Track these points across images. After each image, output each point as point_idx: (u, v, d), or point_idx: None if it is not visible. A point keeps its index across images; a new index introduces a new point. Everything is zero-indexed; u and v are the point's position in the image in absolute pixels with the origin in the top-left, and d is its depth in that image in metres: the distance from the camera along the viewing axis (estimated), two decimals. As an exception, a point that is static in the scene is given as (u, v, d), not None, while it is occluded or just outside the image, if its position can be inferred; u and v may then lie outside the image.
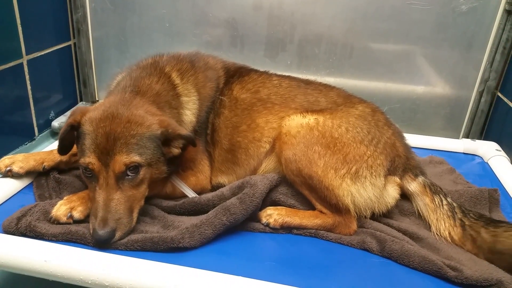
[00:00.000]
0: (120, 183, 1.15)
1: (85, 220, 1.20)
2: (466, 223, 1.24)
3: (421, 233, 1.27)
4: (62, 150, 1.27)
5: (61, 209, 1.18)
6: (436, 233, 1.28)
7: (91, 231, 1.12)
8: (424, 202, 1.33)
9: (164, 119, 1.22)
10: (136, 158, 1.15)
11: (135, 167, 1.16)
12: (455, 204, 1.29)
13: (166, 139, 1.22)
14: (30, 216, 1.18)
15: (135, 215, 1.19)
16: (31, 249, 1.08)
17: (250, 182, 1.27)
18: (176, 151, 1.26)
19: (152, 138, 1.18)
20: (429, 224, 1.31)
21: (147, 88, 1.30)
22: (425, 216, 1.33)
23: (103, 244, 1.12)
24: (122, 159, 1.13)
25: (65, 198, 1.22)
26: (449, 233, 1.26)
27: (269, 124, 1.39)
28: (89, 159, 1.14)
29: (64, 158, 1.39)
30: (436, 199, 1.31)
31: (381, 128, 1.35)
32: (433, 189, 1.33)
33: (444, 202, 1.30)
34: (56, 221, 1.17)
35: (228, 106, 1.42)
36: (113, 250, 1.12)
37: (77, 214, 1.19)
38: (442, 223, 1.27)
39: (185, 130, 1.25)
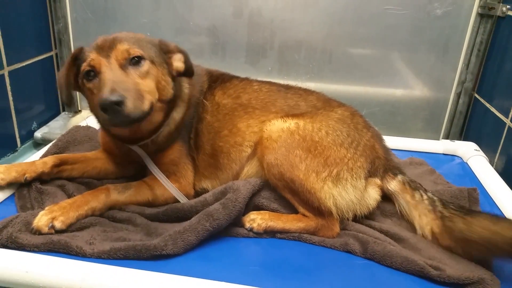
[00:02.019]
0: (124, 69, 1.19)
1: (66, 230, 1.19)
2: (446, 214, 1.24)
3: (403, 234, 1.28)
4: (68, 98, 1.30)
5: (42, 219, 1.17)
6: (419, 229, 1.29)
7: (98, 102, 1.10)
8: (405, 200, 1.35)
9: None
10: (137, 49, 1.21)
11: (138, 58, 1.20)
12: (435, 198, 1.30)
13: (165, 52, 1.29)
14: (12, 227, 1.16)
15: (146, 102, 1.18)
16: (12, 260, 1.07)
17: (232, 187, 1.28)
18: (180, 65, 1.32)
19: (152, 43, 1.28)
20: (412, 221, 1.32)
21: None
22: (407, 213, 1.34)
23: (113, 112, 1.09)
24: (124, 47, 1.19)
25: (46, 208, 1.21)
26: (431, 228, 1.26)
27: (250, 128, 1.40)
28: (90, 56, 1.19)
29: (46, 169, 1.38)
30: (416, 195, 1.32)
31: (360, 131, 1.37)
32: (413, 186, 1.34)
33: (425, 196, 1.31)
34: (38, 232, 1.16)
35: (210, 111, 1.43)
36: (95, 259, 1.11)
37: (58, 224, 1.17)
38: (424, 218, 1.28)
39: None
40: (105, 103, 1.08)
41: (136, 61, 1.20)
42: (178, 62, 1.31)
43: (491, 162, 1.81)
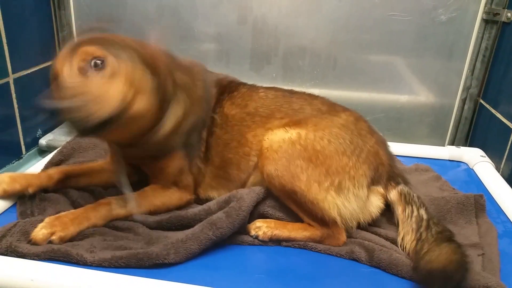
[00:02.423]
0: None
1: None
2: (423, 237, 1.20)
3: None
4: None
5: (41, 232, 1.15)
6: (401, 245, 1.25)
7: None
8: (397, 212, 1.32)
9: None
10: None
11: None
12: (424, 217, 1.25)
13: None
14: (11, 236, 1.15)
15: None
16: (16, 268, 1.07)
17: (236, 196, 1.27)
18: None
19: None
20: (398, 235, 1.29)
21: None
22: (398, 226, 1.31)
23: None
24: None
25: (46, 220, 1.19)
26: (410, 247, 1.21)
27: (256, 137, 1.39)
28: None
29: (51, 184, 1.37)
30: (407, 210, 1.28)
31: (364, 137, 1.35)
32: (408, 199, 1.30)
33: (415, 213, 1.26)
34: (35, 245, 1.15)
35: (219, 124, 1.41)
36: (96, 267, 1.11)
37: (56, 240, 1.16)
38: (407, 236, 1.24)
39: None
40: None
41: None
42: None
43: (497, 168, 1.80)
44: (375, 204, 1.32)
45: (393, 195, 1.35)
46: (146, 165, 1.41)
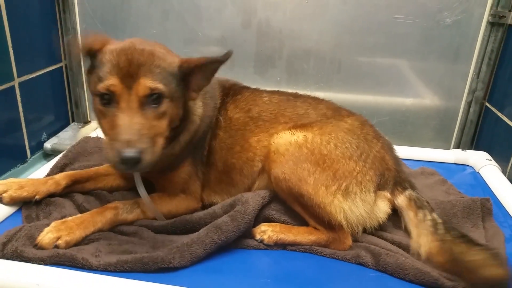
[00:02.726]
0: (143, 109, 1.10)
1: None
2: (448, 238, 1.19)
3: (415, 246, 1.26)
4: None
5: (47, 237, 1.15)
6: (415, 248, 1.24)
7: (115, 154, 1.03)
8: (409, 217, 1.31)
9: (184, 58, 1.20)
10: (160, 86, 1.11)
11: (158, 97, 1.11)
12: (439, 220, 1.25)
13: (186, 75, 1.19)
14: (16, 241, 1.15)
15: (157, 149, 1.12)
16: (22, 273, 1.07)
17: (241, 199, 1.27)
18: (194, 95, 1.24)
19: (172, 73, 1.16)
20: (411, 238, 1.28)
21: None
22: (409, 230, 1.30)
23: (129, 167, 1.05)
24: (147, 83, 1.09)
25: (52, 224, 1.19)
26: (429, 249, 1.20)
27: (260, 142, 1.38)
28: (111, 81, 1.08)
29: (58, 190, 1.37)
30: (419, 214, 1.27)
31: (370, 142, 1.35)
32: (418, 203, 1.30)
33: (428, 217, 1.26)
34: (41, 249, 1.15)
35: (223, 127, 1.41)
36: (102, 272, 1.11)
37: (63, 245, 1.16)
38: (423, 238, 1.23)
39: (204, 58, 1.21)
40: (122, 162, 1.03)
41: (155, 98, 1.11)
42: (194, 92, 1.24)
43: (504, 172, 1.78)
44: (382, 209, 1.32)
45: (401, 200, 1.34)
46: (154, 177, 1.41)
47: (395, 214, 1.37)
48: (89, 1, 2.13)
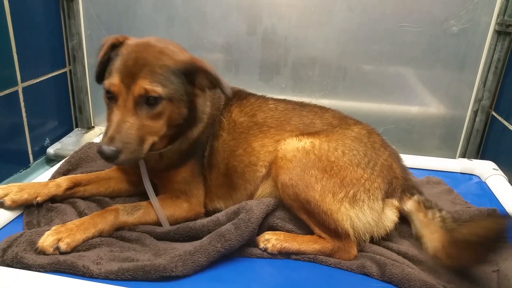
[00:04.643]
0: (137, 109, 1.16)
1: (71, 252, 1.17)
2: (454, 226, 1.21)
3: (421, 256, 1.24)
4: (99, 76, 1.26)
5: (47, 240, 1.15)
6: (428, 247, 1.24)
7: (99, 144, 1.13)
8: (419, 219, 1.30)
9: (195, 58, 1.24)
10: (158, 88, 1.16)
11: (155, 98, 1.16)
12: (448, 215, 1.25)
13: (191, 75, 1.23)
14: (16, 246, 1.14)
15: (145, 147, 1.19)
16: (22, 281, 1.05)
17: (245, 207, 1.26)
18: (198, 92, 1.27)
19: (177, 73, 1.20)
20: (421, 238, 1.28)
21: None
22: (420, 232, 1.29)
23: (107, 160, 1.13)
24: (144, 84, 1.14)
25: (53, 228, 1.19)
26: (442, 244, 1.20)
27: (264, 148, 1.38)
28: (113, 80, 1.16)
29: (60, 192, 1.36)
30: (429, 214, 1.28)
31: (378, 150, 1.34)
32: (427, 204, 1.30)
33: (437, 214, 1.26)
34: (42, 253, 1.14)
35: (226, 129, 1.41)
36: (103, 280, 1.09)
37: (64, 246, 1.15)
38: (435, 235, 1.23)
39: (214, 70, 1.24)
40: (100, 153, 1.12)
41: (152, 100, 1.16)
42: (199, 90, 1.27)
43: (511, 182, 1.76)
44: (390, 217, 1.30)
45: (410, 205, 1.33)
46: (158, 176, 1.40)
47: (401, 223, 1.35)
48: (94, 7, 2.14)
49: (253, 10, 2.04)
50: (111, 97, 1.18)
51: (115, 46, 1.23)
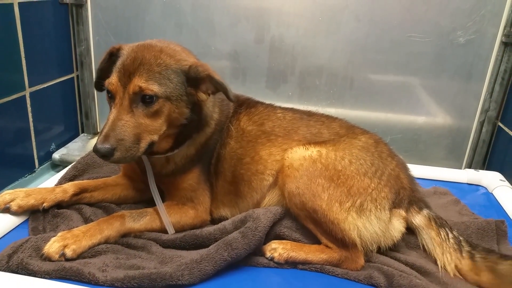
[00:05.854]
0: (133, 107, 1.17)
1: (77, 258, 1.16)
2: (477, 255, 1.21)
3: (429, 267, 1.24)
4: (98, 84, 1.27)
5: (53, 246, 1.14)
6: (442, 266, 1.24)
7: (95, 142, 1.14)
8: (430, 236, 1.30)
9: (200, 62, 1.24)
10: (154, 86, 1.16)
11: (151, 96, 1.16)
12: (461, 238, 1.27)
13: (194, 79, 1.22)
14: (22, 252, 1.13)
15: (142, 145, 1.18)
16: (26, 287, 1.04)
17: (253, 215, 1.25)
18: (203, 96, 1.26)
19: (178, 72, 1.20)
20: (434, 257, 1.28)
21: None
22: (430, 250, 1.30)
23: (102, 158, 1.15)
24: (140, 82, 1.15)
25: (59, 234, 1.18)
26: (456, 265, 1.23)
27: (272, 156, 1.37)
28: (111, 79, 1.18)
29: (66, 198, 1.36)
30: (442, 233, 1.28)
31: (385, 160, 1.33)
32: (439, 223, 1.30)
33: (450, 235, 1.27)
34: (48, 259, 1.13)
35: (234, 137, 1.41)
36: (110, 287, 1.08)
37: (70, 253, 1.14)
38: (448, 256, 1.24)
39: (219, 76, 1.23)
40: (95, 151, 1.13)
41: (148, 98, 1.17)
42: (203, 94, 1.26)
43: (518, 193, 1.76)
44: (397, 228, 1.29)
45: (419, 219, 1.33)
46: (164, 182, 1.39)
47: (408, 234, 1.34)
48: (102, 13, 2.15)
49: (261, 19, 2.05)
50: (111, 97, 1.20)
51: (113, 55, 1.24)
